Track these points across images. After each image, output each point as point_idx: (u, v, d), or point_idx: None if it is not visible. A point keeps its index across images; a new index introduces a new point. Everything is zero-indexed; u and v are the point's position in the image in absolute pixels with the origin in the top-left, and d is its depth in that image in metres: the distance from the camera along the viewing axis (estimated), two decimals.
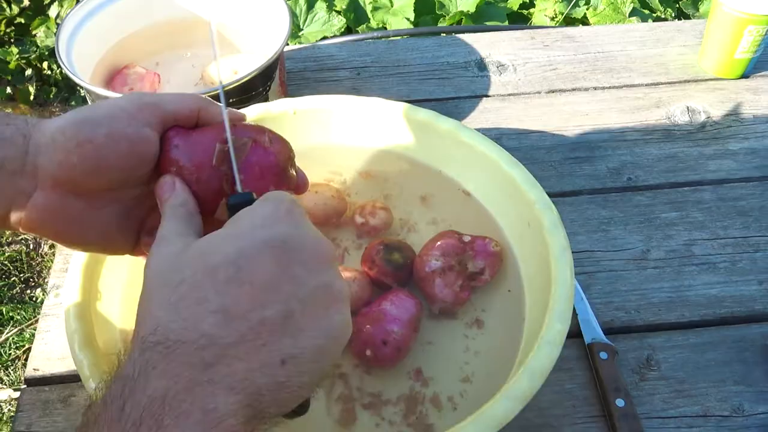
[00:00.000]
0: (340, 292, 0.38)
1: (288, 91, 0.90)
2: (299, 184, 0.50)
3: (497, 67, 0.97)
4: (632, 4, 1.74)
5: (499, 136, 0.85)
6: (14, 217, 0.42)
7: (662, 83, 0.94)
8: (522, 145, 0.85)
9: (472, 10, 1.74)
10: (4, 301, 1.55)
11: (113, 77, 0.84)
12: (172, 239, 0.39)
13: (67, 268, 0.59)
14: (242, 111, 0.69)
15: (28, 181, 0.41)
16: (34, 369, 0.65)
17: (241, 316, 0.35)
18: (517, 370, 0.57)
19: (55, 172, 0.41)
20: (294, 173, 0.49)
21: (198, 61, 0.89)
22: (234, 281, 0.35)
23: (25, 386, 0.64)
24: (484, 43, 1.01)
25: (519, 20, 1.85)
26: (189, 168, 0.44)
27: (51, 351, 0.66)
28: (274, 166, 0.46)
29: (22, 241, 1.65)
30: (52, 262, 0.74)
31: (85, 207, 0.43)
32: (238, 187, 0.43)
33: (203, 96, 0.47)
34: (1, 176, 0.41)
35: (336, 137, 0.74)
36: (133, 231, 0.47)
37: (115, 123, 0.42)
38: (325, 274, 0.38)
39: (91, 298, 0.58)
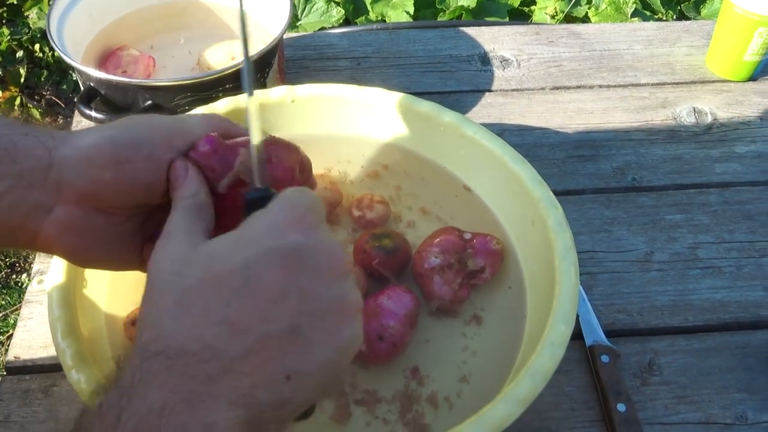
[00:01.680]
0: (353, 305, 0.36)
1: (286, 79, 0.88)
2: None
3: (501, 62, 0.95)
4: (634, 5, 1.72)
5: (501, 132, 0.83)
6: (30, 231, 0.41)
7: (668, 83, 0.92)
8: (524, 141, 0.84)
9: (473, 5, 1.71)
10: None
11: (106, 59, 0.82)
12: (179, 236, 0.37)
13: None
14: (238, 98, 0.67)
15: (49, 194, 0.40)
16: (15, 357, 0.62)
17: (247, 330, 0.33)
18: (517, 372, 0.55)
19: (84, 187, 0.41)
20: None
21: (194, 46, 0.87)
22: (240, 293, 0.34)
23: (5, 374, 0.61)
24: (488, 37, 0.99)
25: (519, 17, 1.83)
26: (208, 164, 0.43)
27: (33, 339, 0.64)
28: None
29: None
30: None
31: (105, 223, 0.43)
32: (256, 182, 0.41)
33: (228, 119, 0.47)
34: (18, 188, 0.39)
35: (334, 127, 0.71)
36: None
37: (154, 148, 0.42)
38: (338, 287, 0.36)
39: (77, 286, 0.56)
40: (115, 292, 0.60)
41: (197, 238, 0.37)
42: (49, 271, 0.55)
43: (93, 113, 0.70)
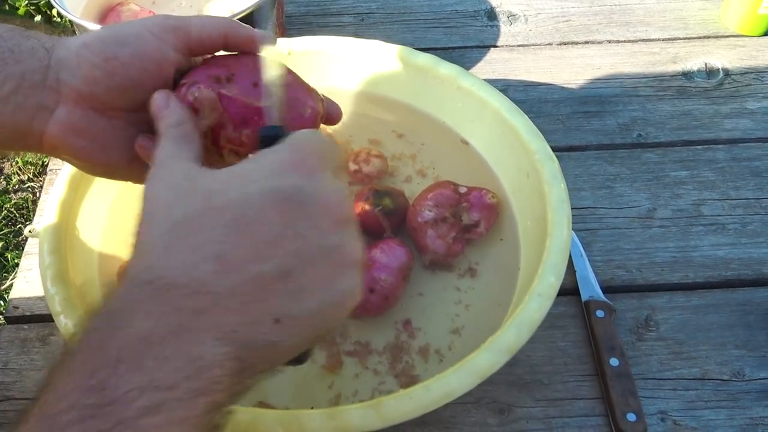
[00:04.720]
0: (351, 256, 0.35)
1: (287, 35, 0.87)
2: (331, 116, 0.49)
3: (508, 17, 0.93)
4: None
5: (505, 88, 0.82)
6: (36, 132, 0.42)
7: (680, 38, 0.89)
8: (529, 97, 0.82)
9: None
10: (10, 247, 1.55)
11: (106, 14, 0.81)
12: (171, 165, 0.37)
13: None
14: None
15: (51, 95, 0.41)
16: (14, 307, 0.63)
17: (237, 268, 0.32)
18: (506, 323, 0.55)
19: (78, 86, 0.41)
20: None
21: (195, 1, 0.86)
22: (234, 230, 0.33)
23: (4, 323, 0.62)
24: None
25: None
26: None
27: (32, 289, 0.65)
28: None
29: (29, 189, 1.64)
30: None
31: (107, 126, 0.43)
32: (272, 119, 0.40)
33: (232, 19, 0.45)
34: (22, 89, 0.40)
35: (331, 81, 0.71)
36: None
37: (142, 44, 0.41)
38: (335, 235, 0.34)
39: (68, 235, 0.56)
40: (108, 243, 0.61)
41: (191, 168, 0.36)
42: (40, 221, 0.56)
43: None
